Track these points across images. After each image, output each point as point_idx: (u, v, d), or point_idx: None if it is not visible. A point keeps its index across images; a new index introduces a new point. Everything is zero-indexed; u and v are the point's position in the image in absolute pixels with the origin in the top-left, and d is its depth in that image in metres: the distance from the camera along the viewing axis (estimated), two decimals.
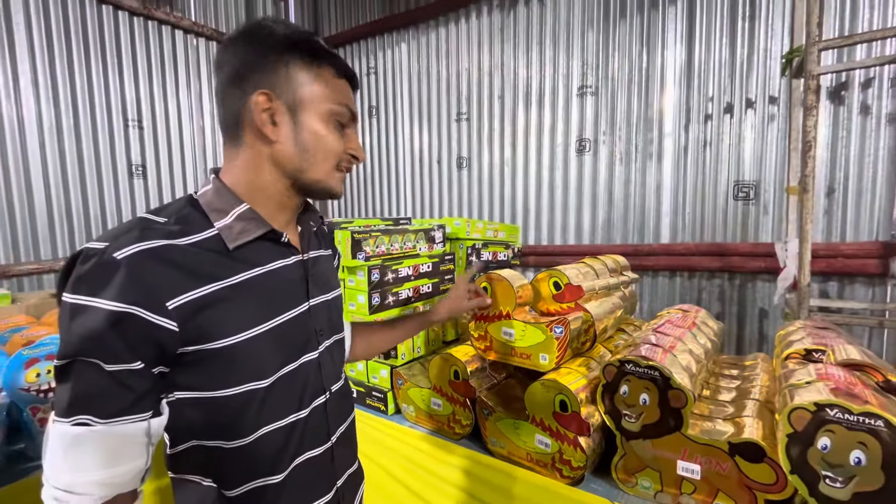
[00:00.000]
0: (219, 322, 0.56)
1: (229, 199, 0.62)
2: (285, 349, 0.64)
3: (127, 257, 0.51)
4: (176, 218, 0.58)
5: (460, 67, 2.85)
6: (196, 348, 0.55)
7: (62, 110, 2.52)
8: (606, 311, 1.29)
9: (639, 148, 2.27)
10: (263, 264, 0.63)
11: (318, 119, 0.63)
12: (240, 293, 0.59)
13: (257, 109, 0.60)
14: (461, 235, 1.71)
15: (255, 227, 0.62)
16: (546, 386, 1.05)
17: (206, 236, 0.58)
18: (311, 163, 0.64)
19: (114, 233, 0.53)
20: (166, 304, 0.52)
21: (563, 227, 2.53)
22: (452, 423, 1.27)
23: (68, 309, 0.51)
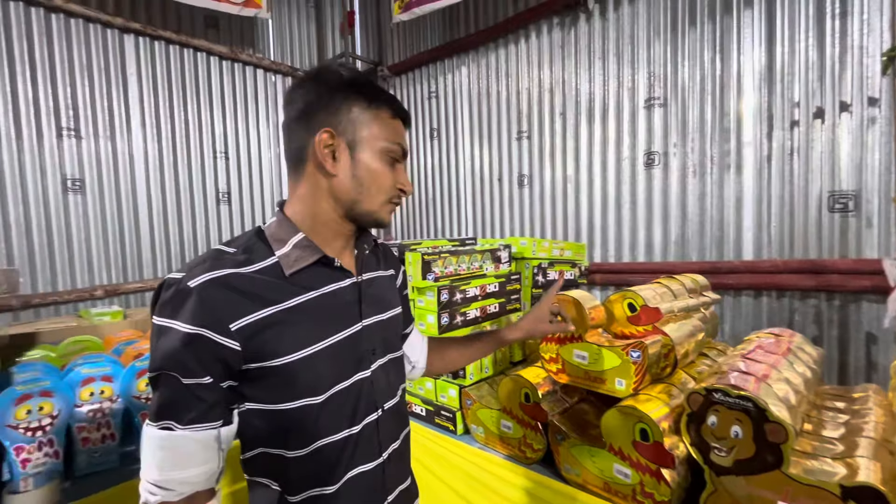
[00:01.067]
0: (276, 342, 0.62)
1: (288, 229, 0.69)
2: (338, 367, 0.68)
3: (198, 286, 0.58)
4: (244, 248, 0.66)
5: (520, 86, 2.87)
6: (257, 365, 0.61)
7: (163, 146, 2.84)
8: (687, 334, 1.22)
9: (714, 159, 2.15)
10: (318, 288, 0.68)
11: (374, 156, 0.69)
12: (295, 315, 0.64)
13: (320, 145, 0.67)
14: (527, 255, 1.70)
15: (310, 254, 0.68)
16: (624, 413, 1.01)
17: (268, 264, 0.65)
18: (365, 195, 0.70)
19: (191, 264, 0.62)
20: (230, 327, 0.59)
21: (631, 243, 2.43)
22: (524, 447, 1.25)
23: (155, 329, 0.60)
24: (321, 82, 0.68)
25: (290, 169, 0.72)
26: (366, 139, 0.69)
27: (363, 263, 0.78)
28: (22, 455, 1.17)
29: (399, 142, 0.72)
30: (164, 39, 2.81)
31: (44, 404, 1.21)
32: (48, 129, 2.43)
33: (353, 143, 0.68)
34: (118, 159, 2.67)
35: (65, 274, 2.49)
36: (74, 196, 2.52)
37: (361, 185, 0.69)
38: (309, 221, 0.70)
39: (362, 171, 0.69)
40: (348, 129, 0.68)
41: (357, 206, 0.70)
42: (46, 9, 2.40)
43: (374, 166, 0.70)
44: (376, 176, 0.70)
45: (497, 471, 1.27)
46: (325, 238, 0.71)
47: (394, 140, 0.71)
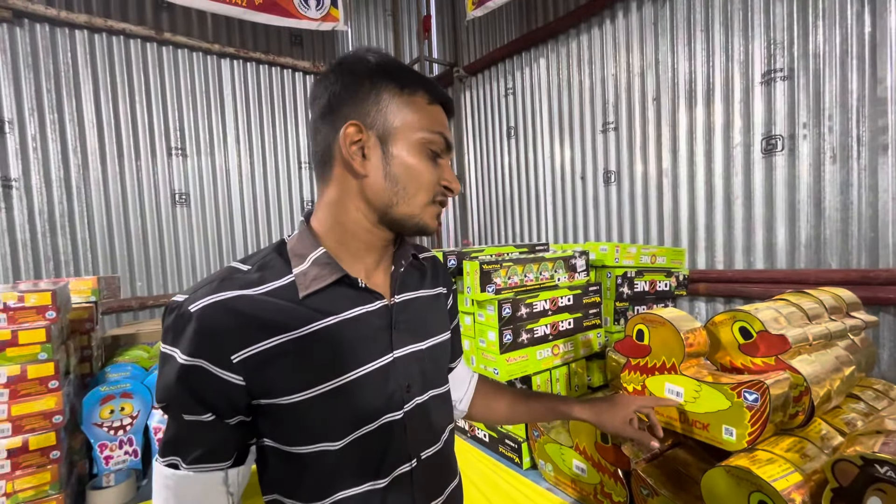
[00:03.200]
0: (285, 377, 0.53)
1: (309, 242, 0.59)
2: (361, 408, 0.58)
3: (199, 310, 0.51)
4: (259, 265, 0.57)
5: (606, 73, 2.58)
6: (267, 402, 0.53)
7: (255, 159, 3.06)
8: (828, 369, 0.92)
9: (863, 140, 1.69)
10: (339, 312, 0.57)
11: (410, 149, 0.59)
12: (309, 345, 0.55)
13: (346, 141, 0.57)
14: (608, 262, 1.47)
15: (329, 273, 0.57)
16: (735, 476, 0.76)
17: (281, 284, 0.56)
18: (401, 196, 0.59)
19: (198, 284, 0.55)
20: (231, 358, 0.51)
21: (746, 247, 2.02)
22: (601, 496, 1.04)
23: (161, 357, 0.54)
24: (345, 71, 0.59)
25: (318, 174, 0.63)
26: (399, 130, 0.59)
27: (400, 282, 0.66)
28: (105, 452, 1.26)
29: (440, 131, 0.61)
30: (255, 60, 3.02)
31: (125, 405, 1.29)
32: (160, 149, 2.73)
33: (384, 136, 0.59)
34: (216, 174, 2.92)
35: (173, 277, 2.78)
36: (181, 208, 2.80)
37: (397, 185, 0.59)
38: (336, 232, 0.61)
39: (397, 168, 0.59)
40: (378, 120, 0.58)
41: (393, 210, 0.60)
42: (159, 42, 2.70)
43: (410, 161, 0.59)
44: (414, 172, 0.59)
45: None
46: (356, 251, 0.62)
47: (433, 129, 0.60)
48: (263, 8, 2.70)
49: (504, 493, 1.24)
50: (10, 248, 2.34)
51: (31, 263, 2.39)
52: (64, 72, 2.46)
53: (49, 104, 2.43)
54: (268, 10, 2.72)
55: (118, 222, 2.61)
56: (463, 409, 0.83)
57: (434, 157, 0.61)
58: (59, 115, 2.46)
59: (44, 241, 2.43)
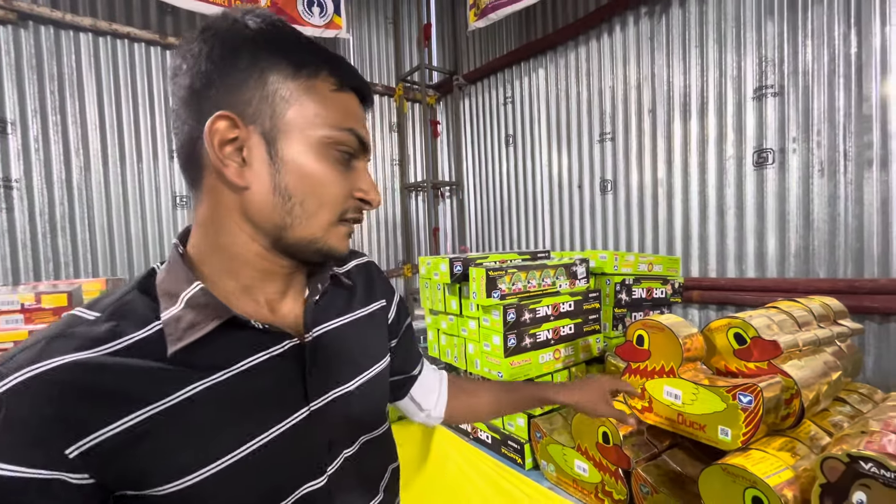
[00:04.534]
0: (155, 462, 0.39)
1: (182, 276, 0.44)
2: (269, 483, 0.45)
3: (7, 391, 0.36)
4: (112, 311, 0.42)
5: (603, 85, 2.65)
6: (134, 493, 0.40)
7: None
8: (817, 374, 0.98)
9: (849, 155, 1.76)
10: (226, 366, 0.44)
11: (309, 151, 0.44)
12: (186, 416, 0.41)
13: (215, 140, 0.42)
14: (608, 270, 1.52)
15: (208, 316, 0.43)
16: (731, 474, 0.81)
17: (144, 335, 0.42)
18: (297, 216, 0.45)
19: (16, 349, 0.39)
20: (65, 453, 0.36)
21: (738, 255, 2.09)
22: (602, 495, 1.08)
23: None
24: (215, 40, 0.43)
25: (186, 181, 0.48)
26: (293, 125, 0.44)
27: (316, 311, 0.53)
28: None
29: (351, 126, 0.47)
30: None
31: None
32: (163, 153, 2.74)
33: (271, 133, 0.44)
34: None
35: None
36: (182, 211, 2.81)
37: (290, 200, 0.44)
38: (218, 259, 0.46)
39: (290, 177, 0.44)
40: (262, 110, 0.43)
41: (287, 233, 0.45)
42: (162, 47, 2.72)
43: (309, 167, 0.44)
44: (314, 182, 0.45)
45: None
46: (250, 281, 0.48)
47: (342, 124, 0.46)
48: None
49: (507, 492, 1.28)
50: (10, 249, 2.34)
51: (30, 264, 2.39)
52: (68, 74, 2.47)
53: (52, 106, 2.44)
54: None
55: (119, 224, 2.62)
56: (438, 416, 0.77)
57: (345, 161, 0.48)
58: (62, 117, 2.47)
59: (44, 243, 2.43)
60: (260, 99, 0.43)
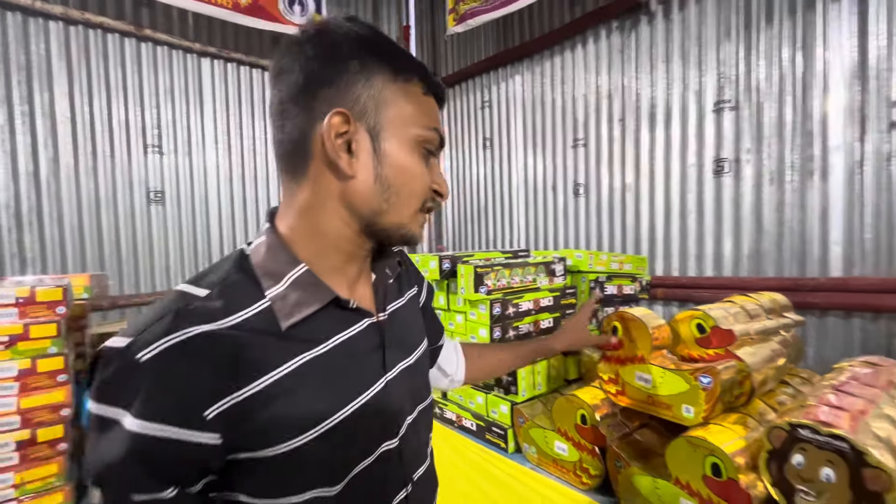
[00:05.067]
0: (272, 425, 0.44)
1: (284, 258, 0.49)
2: (357, 444, 0.51)
3: (152, 359, 0.40)
4: (220, 289, 0.46)
5: (576, 93, 2.79)
6: (247, 456, 0.44)
7: (233, 160, 3.05)
8: (765, 359, 1.11)
9: (795, 166, 1.96)
10: (326, 340, 0.49)
11: (404, 146, 0.51)
12: (297, 385, 0.46)
13: (331, 134, 0.47)
14: (583, 268, 1.64)
15: (316, 297, 0.48)
16: (693, 444, 0.93)
17: (256, 312, 0.46)
18: (392, 203, 0.51)
19: (143, 321, 0.43)
20: (204, 415, 0.41)
21: (698, 256, 2.27)
22: (579, 472, 1.19)
23: (94, 421, 0.41)
24: (326, 44, 0.49)
25: (285, 169, 0.52)
26: (393, 124, 0.50)
27: (385, 294, 0.60)
28: None
29: (436, 126, 0.54)
30: (236, 61, 3.02)
31: None
32: (136, 147, 2.68)
33: (375, 129, 0.49)
34: (194, 173, 2.89)
35: (146, 277, 2.73)
36: (156, 206, 2.76)
37: (388, 190, 0.50)
38: (315, 243, 0.51)
39: (390, 170, 0.50)
40: (369, 109, 0.49)
41: (381, 219, 0.51)
42: (138, 38, 2.66)
43: (405, 162, 0.51)
44: (409, 175, 0.51)
45: (550, 494, 1.21)
46: (337, 264, 0.53)
47: (430, 124, 0.53)
48: (248, 11, 2.73)
49: (492, 475, 1.37)
50: None
51: None
52: (36, 63, 2.39)
53: (19, 96, 2.35)
54: (253, 13, 2.74)
55: (90, 220, 2.54)
56: (461, 380, 0.85)
57: (427, 157, 0.54)
58: (30, 108, 2.38)
59: (9, 238, 2.34)
60: (367, 98, 0.49)
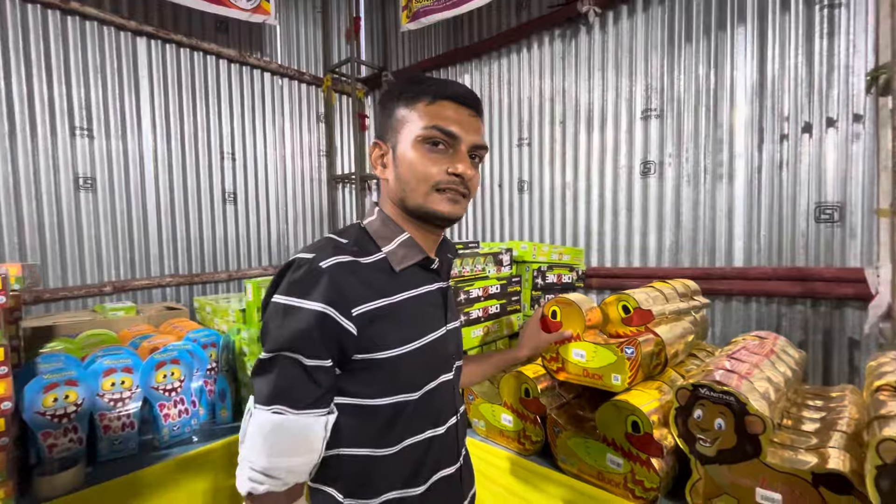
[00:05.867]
0: (384, 334, 0.63)
1: (393, 228, 0.70)
2: (430, 367, 0.69)
3: (329, 267, 0.60)
4: (354, 241, 0.67)
5: (522, 95, 2.95)
6: (364, 357, 0.61)
7: (172, 146, 2.91)
8: (677, 335, 1.30)
9: (708, 169, 2.24)
10: (418, 287, 0.69)
11: (409, 148, 0.68)
12: (400, 310, 0.65)
13: (373, 157, 0.73)
14: (527, 258, 1.78)
15: (415, 254, 0.69)
16: (618, 406, 1.09)
17: (377, 258, 0.67)
18: (408, 190, 0.68)
19: (315, 246, 0.63)
20: (352, 311, 0.60)
21: (627, 249, 2.51)
22: (523, 439, 1.33)
23: (280, 308, 0.59)
24: (379, 101, 0.77)
25: None
26: (404, 136, 0.68)
27: (445, 270, 0.79)
28: (49, 440, 1.24)
29: (436, 124, 0.67)
30: (175, 42, 2.88)
31: (69, 393, 1.28)
32: (62, 129, 2.49)
33: (395, 144, 0.69)
34: (129, 158, 2.73)
35: (75, 270, 2.55)
36: (86, 194, 2.58)
37: (402, 181, 0.68)
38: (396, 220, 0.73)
39: (401, 167, 0.69)
40: (391, 133, 0.70)
41: (406, 204, 0.70)
42: (63, 11, 2.47)
43: (408, 157, 0.67)
44: (412, 167, 0.67)
45: (497, 462, 1.34)
46: (417, 237, 0.73)
47: (429, 124, 0.67)
48: None
49: None
50: None
51: None
52: None
53: None
54: None
55: (7, 206, 2.34)
56: None
57: (432, 148, 0.67)
58: None
59: None
60: (390, 128, 0.70)
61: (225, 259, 3.20)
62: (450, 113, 0.68)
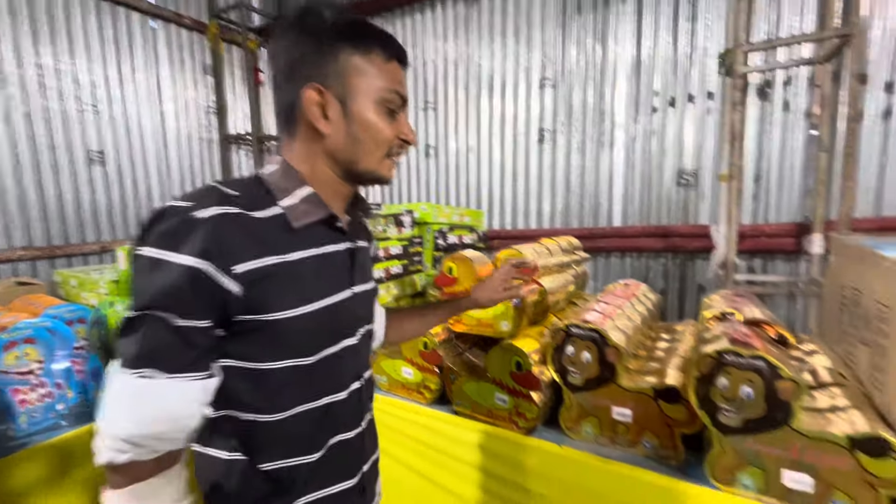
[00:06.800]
0: (275, 294, 0.58)
1: (294, 180, 0.63)
2: (329, 331, 0.66)
3: (209, 218, 0.53)
4: (245, 193, 0.59)
5: (426, 57, 2.92)
6: (251, 318, 0.57)
7: (12, 93, 2.43)
8: (559, 285, 1.44)
9: (593, 138, 2.44)
10: (318, 246, 0.64)
11: (369, 108, 0.63)
12: (296, 270, 0.60)
13: (309, 104, 0.61)
14: (428, 220, 1.82)
15: (317, 211, 0.63)
16: (504, 349, 1.19)
17: (273, 213, 0.60)
18: (362, 153, 0.64)
19: (195, 195, 0.56)
20: (234, 268, 0.54)
21: (525, 213, 2.68)
22: (422, 390, 1.40)
23: (146, 262, 0.53)
24: (305, 29, 0.61)
25: (282, 126, 0.66)
26: (358, 90, 0.62)
27: (356, 230, 0.73)
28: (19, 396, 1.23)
29: (396, 89, 0.64)
30: None
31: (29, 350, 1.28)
32: None
33: (343, 96, 0.62)
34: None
35: None
36: None
37: (357, 143, 0.63)
38: (310, 179, 0.65)
39: (357, 127, 0.62)
40: (337, 80, 0.61)
41: (355, 166, 0.65)
42: None
43: (369, 119, 0.63)
44: (372, 130, 0.63)
45: (401, 414, 1.40)
46: (326, 196, 0.66)
47: (390, 87, 0.63)
48: None
49: None
50: None
51: None
52: None
53: None
54: None
55: None
56: (381, 338, 0.93)
57: (391, 113, 0.64)
58: None
59: None
60: (334, 72, 0.61)
61: (96, 228, 2.81)
62: (400, 75, 0.66)
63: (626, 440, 1.10)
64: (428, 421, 1.36)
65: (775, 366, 0.86)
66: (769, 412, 0.88)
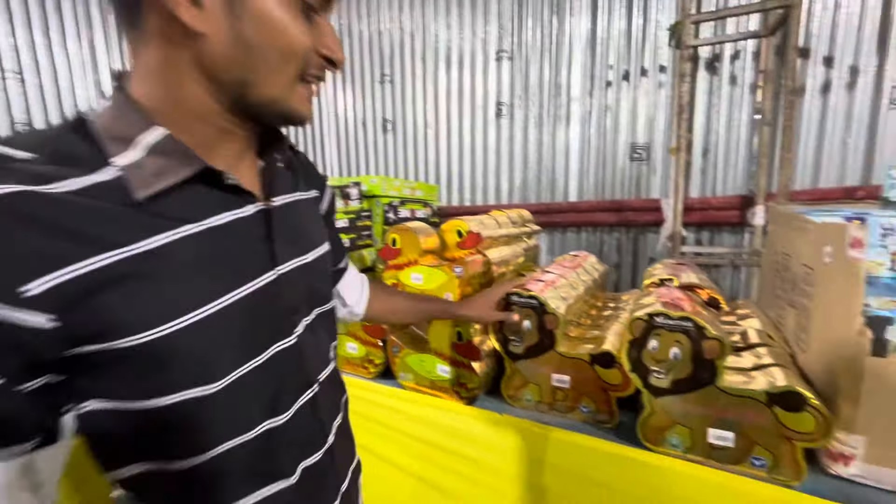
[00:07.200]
0: (127, 309, 0.37)
1: (136, 119, 0.40)
2: (243, 340, 0.45)
3: None
4: (48, 152, 0.37)
5: (381, 27, 2.81)
6: (96, 348, 0.37)
7: None
8: (505, 256, 1.43)
9: (550, 112, 2.42)
10: (199, 220, 0.42)
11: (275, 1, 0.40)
12: (162, 265, 0.39)
13: None
14: (377, 193, 1.77)
15: (181, 164, 0.40)
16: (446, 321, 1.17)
17: (101, 180, 0.37)
18: (260, 69, 0.41)
19: None
20: (23, 289, 0.33)
21: (483, 188, 2.66)
22: (367, 364, 1.37)
23: None
24: None
25: (123, 24, 0.41)
26: None
27: (274, 181, 0.51)
28: None
29: None
30: None
31: None
32: None
33: None
34: None
35: None
36: None
37: (252, 52, 0.40)
38: (175, 112, 0.41)
39: (252, 26, 0.39)
40: None
41: (250, 91, 0.42)
42: None
43: (274, 14, 0.40)
44: (279, 33, 0.40)
45: (350, 390, 1.37)
46: (205, 139, 0.43)
47: None
48: None
49: None
50: None
51: None
52: None
53: None
54: None
55: None
56: (360, 313, 0.80)
57: (307, 14, 0.43)
58: None
59: None
60: None
61: None
62: None
63: (564, 406, 1.11)
64: (374, 395, 1.33)
65: (702, 326, 0.87)
66: (695, 372, 0.89)
